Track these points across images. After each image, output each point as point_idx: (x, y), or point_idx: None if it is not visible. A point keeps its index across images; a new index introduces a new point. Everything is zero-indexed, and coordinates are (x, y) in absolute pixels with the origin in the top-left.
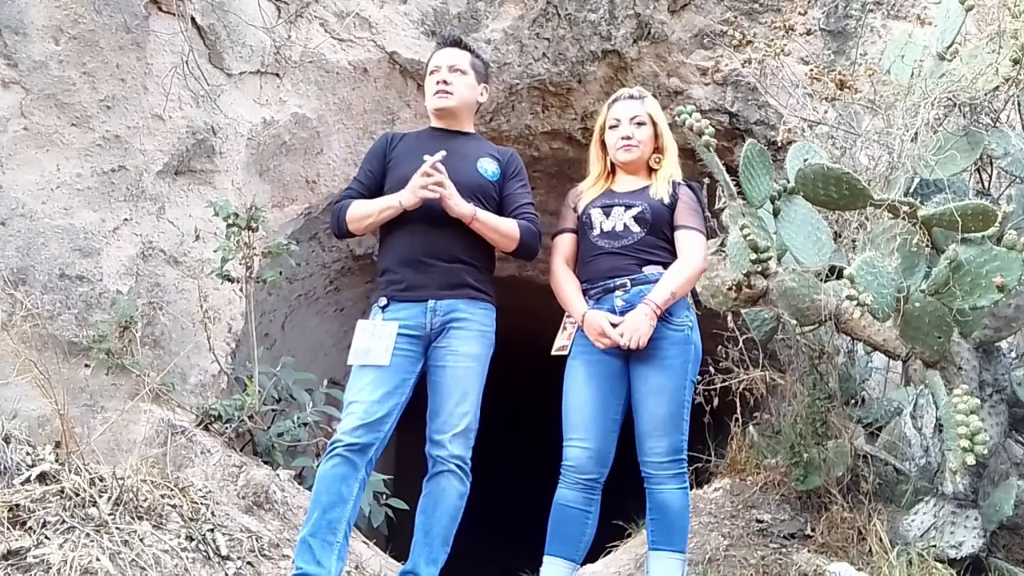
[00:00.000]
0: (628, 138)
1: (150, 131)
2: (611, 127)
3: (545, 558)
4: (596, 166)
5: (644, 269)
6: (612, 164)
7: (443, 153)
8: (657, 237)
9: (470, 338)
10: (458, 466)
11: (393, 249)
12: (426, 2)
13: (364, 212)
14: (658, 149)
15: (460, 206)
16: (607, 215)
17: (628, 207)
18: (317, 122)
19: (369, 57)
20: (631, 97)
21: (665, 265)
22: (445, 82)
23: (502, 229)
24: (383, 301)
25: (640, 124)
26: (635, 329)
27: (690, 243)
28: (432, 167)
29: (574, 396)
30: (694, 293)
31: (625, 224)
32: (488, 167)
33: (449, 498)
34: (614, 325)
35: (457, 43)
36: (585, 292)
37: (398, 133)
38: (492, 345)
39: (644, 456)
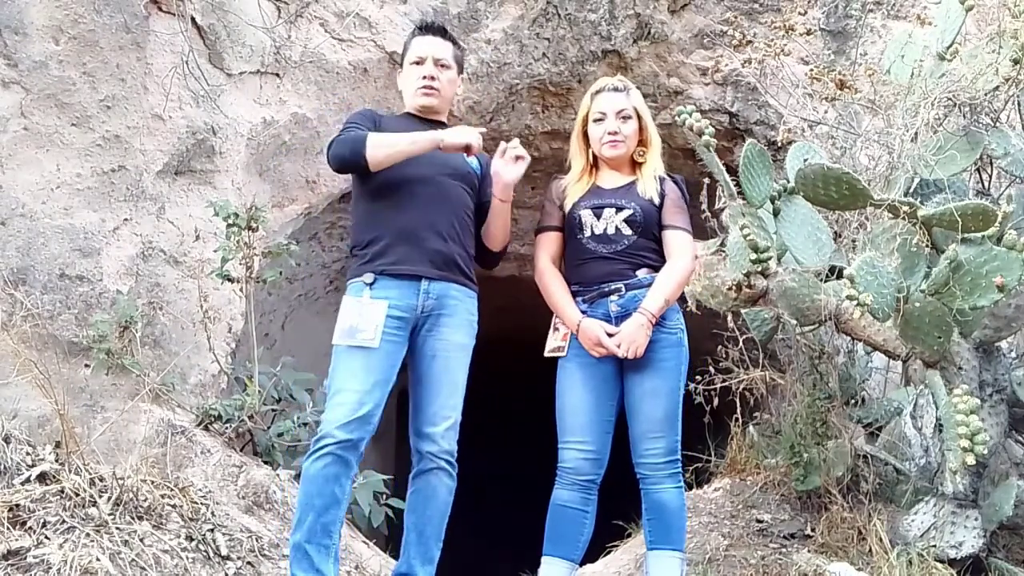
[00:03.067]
0: (615, 133)
1: (150, 131)
2: (596, 120)
3: (543, 559)
4: (579, 159)
5: (637, 273)
6: (594, 157)
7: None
8: (648, 239)
9: (460, 327)
10: (448, 462)
11: (382, 220)
12: (426, 2)
13: (391, 141)
14: (642, 142)
15: (516, 177)
16: (597, 217)
17: (619, 209)
18: (317, 122)
19: (369, 57)
20: (616, 89)
21: (655, 267)
22: (432, 78)
23: (508, 221)
24: (369, 277)
25: (626, 118)
26: (633, 340)
27: (678, 245)
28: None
29: (569, 399)
30: (682, 293)
31: (617, 227)
32: (472, 160)
33: (440, 495)
34: (610, 335)
35: (442, 32)
36: (575, 294)
37: (378, 110)
38: (476, 334)
39: (640, 458)
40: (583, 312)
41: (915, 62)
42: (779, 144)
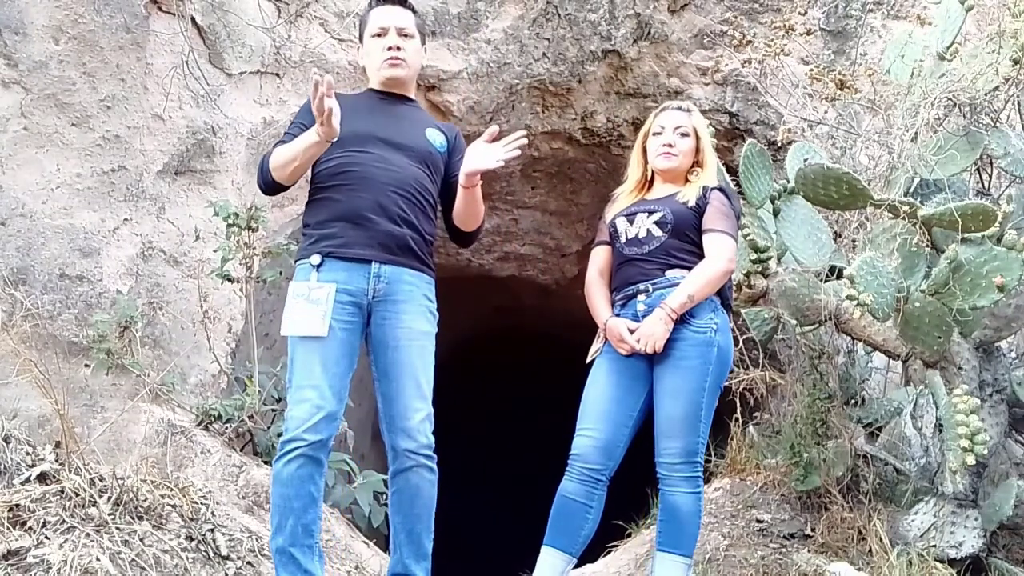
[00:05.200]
0: (670, 146)
1: (150, 131)
2: (655, 134)
3: (543, 548)
4: (635, 171)
5: (667, 273)
6: (652, 174)
7: (330, 78)
8: (681, 240)
9: (419, 313)
10: (427, 456)
11: (331, 203)
12: (426, 2)
13: (287, 156)
14: (698, 163)
15: (485, 167)
16: (631, 222)
17: (651, 213)
18: None
19: None
20: (679, 108)
21: (691, 268)
22: (398, 48)
23: (480, 204)
24: (316, 259)
25: (684, 135)
26: (650, 334)
27: (716, 246)
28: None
29: (592, 391)
30: (725, 297)
31: (648, 230)
32: (436, 138)
33: (424, 492)
34: (632, 331)
35: (401, 1)
36: (613, 301)
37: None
38: (437, 321)
39: (658, 457)
40: (616, 315)
41: (915, 62)
42: (779, 144)
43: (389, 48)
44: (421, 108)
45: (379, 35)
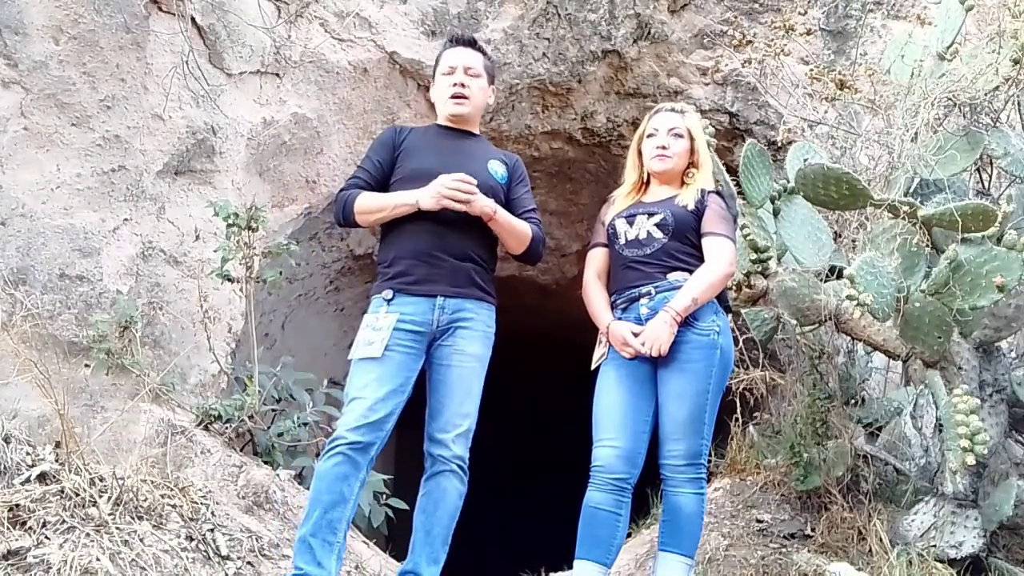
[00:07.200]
0: (663, 148)
1: (150, 131)
2: (649, 136)
3: (576, 562)
4: (632, 174)
5: (668, 276)
6: (648, 176)
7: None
8: (681, 243)
9: (475, 338)
10: (459, 466)
11: (401, 243)
12: (426, 2)
13: (376, 205)
14: (693, 164)
15: (483, 203)
16: (631, 224)
17: (651, 215)
18: (317, 122)
19: (369, 57)
20: (672, 110)
21: (691, 271)
22: (463, 85)
23: (517, 230)
24: (388, 294)
25: (678, 136)
26: (655, 338)
27: (717, 249)
28: (463, 181)
29: (605, 399)
30: (725, 299)
31: (648, 232)
32: (498, 169)
33: (449, 498)
34: (636, 334)
35: (471, 43)
36: (614, 304)
37: (405, 127)
38: (492, 345)
39: (663, 459)
40: (618, 318)
41: (915, 62)
42: (779, 144)
43: (454, 85)
44: (485, 140)
45: (448, 73)
